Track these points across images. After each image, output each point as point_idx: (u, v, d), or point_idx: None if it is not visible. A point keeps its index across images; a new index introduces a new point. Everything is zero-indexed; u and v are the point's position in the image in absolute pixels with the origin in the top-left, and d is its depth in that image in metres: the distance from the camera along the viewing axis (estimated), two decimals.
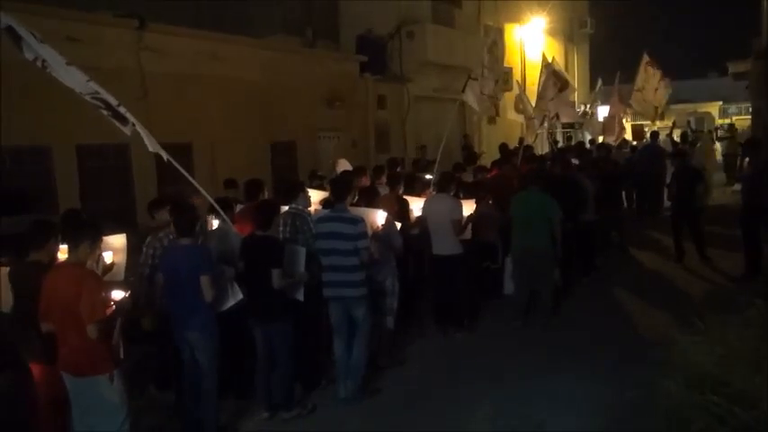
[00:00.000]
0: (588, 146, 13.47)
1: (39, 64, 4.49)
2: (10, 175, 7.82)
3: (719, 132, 24.67)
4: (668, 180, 10.62)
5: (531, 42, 20.36)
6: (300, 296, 5.07)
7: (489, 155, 14.30)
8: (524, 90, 15.00)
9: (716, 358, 4.20)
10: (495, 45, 9.57)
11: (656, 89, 15.28)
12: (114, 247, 4.70)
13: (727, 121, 29.94)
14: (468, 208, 6.81)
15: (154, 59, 9.13)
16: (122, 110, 4.85)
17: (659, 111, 16.02)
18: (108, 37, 8.65)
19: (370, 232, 5.30)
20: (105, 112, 4.83)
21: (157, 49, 9.21)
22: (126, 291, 4.13)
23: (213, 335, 4.59)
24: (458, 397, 5.33)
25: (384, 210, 5.77)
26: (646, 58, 14.97)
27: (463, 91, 9.40)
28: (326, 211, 5.55)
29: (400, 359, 6.13)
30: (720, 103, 31.76)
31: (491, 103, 9.65)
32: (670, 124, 18.93)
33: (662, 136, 16.50)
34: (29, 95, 7.49)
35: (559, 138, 18.24)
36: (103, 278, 4.13)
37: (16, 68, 6.81)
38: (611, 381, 5.40)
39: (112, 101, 4.81)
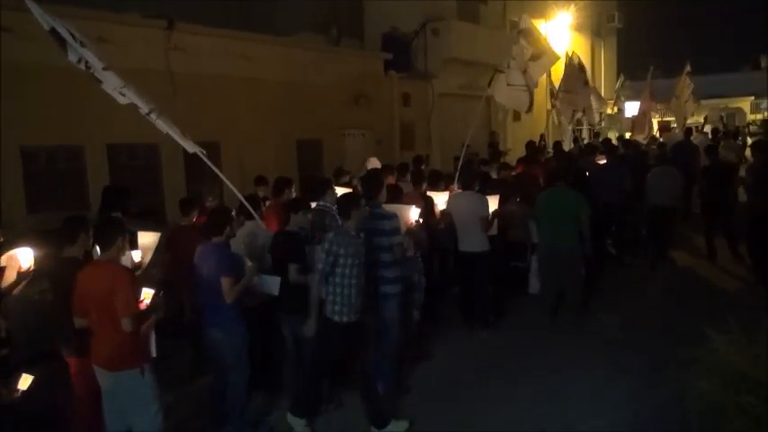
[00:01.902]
0: (616, 143, 13.27)
1: (82, 66, 4.59)
2: (44, 172, 8.01)
3: (751, 128, 24.06)
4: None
5: (558, 38, 20.14)
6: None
7: (514, 152, 14.22)
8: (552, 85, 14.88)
9: (751, 358, 4.10)
10: (528, 32, 9.03)
11: (687, 101, 15.47)
12: (145, 245, 4.77)
13: (759, 116, 29.22)
14: (494, 204, 6.78)
15: (182, 59, 9.25)
16: (154, 116, 4.92)
17: (686, 120, 16.43)
18: (137, 38, 8.78)
19: (403, 228, 5.30)
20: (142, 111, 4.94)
21: (185, 49, 9.33)
22: (157, 288, 4.21)
23: (236, 333, 4.61)
24: (485, 396, 5.31)
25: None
26: (688, 68, 15.14)
27: (489, 85, 9.06)
28: None
29: (426, 354, 6.13)
30: (752, 97, 30.95)
31: (524, 93, 8.86)
32: (701, 120, 18.61)
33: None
34: (62, 97, 7.66)
35: (585, 135, 18.01)
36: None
37: (49, 71, 7.01)
38: (642, 379, 5.34)
39: (145, 107, 4.88)
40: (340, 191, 6.54)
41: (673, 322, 6.76)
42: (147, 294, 4.12)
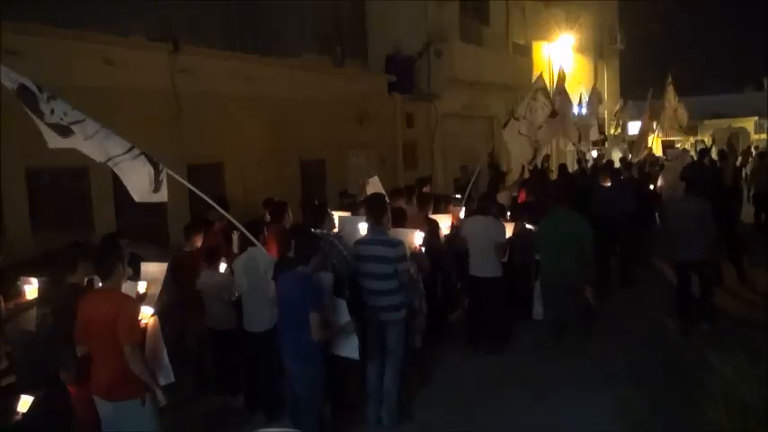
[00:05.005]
0: (619, 164, 13.27)
1: (55, 119, 4.52)
2: (49, 194, 8.03)
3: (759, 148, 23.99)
4: None
5: (560, 59, 20.27)
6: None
7: (516, 171, 14.18)
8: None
9: (757, 387, 4.05)
10: (542, 91, 9.39)
11: (676, 110, 15.47)
12: (151, 276, 4.72)
13: (764, 136, 29.19)
14: (508, 231, 6.84)
15: (187, 81, 9.31)
16: (111, 164, 4.86)
17: (683, 129, 16.32)
18: (143, 60, 8.85)
19: (408, 253, 5.28)
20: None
21: (191, 71, 9.39)
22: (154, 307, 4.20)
23: (314, 368, 4.46)
24: (489, 420, 5.25)
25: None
26: (669, 78, 15.20)
27: (504, 127, 9.35)
28: (366, 234, 5.51)
29: (426, 378, 6.09)
30: (756, 118, 30.99)
31: (530, 146, 9.21)
32: (706, 140, 18.57)
33: (692, 152, 16.28)
34: None
35: (589, 156, 17.97)
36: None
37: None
38: (645, 407, 5.26)
39: (103, 157, 4.81)
40: (344, 214, 6.55)
41: (677, 347, 6.69)
42: (144, 315, 4.10)
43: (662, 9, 31.15)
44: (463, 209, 7.99)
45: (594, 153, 16.97)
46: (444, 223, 6.92)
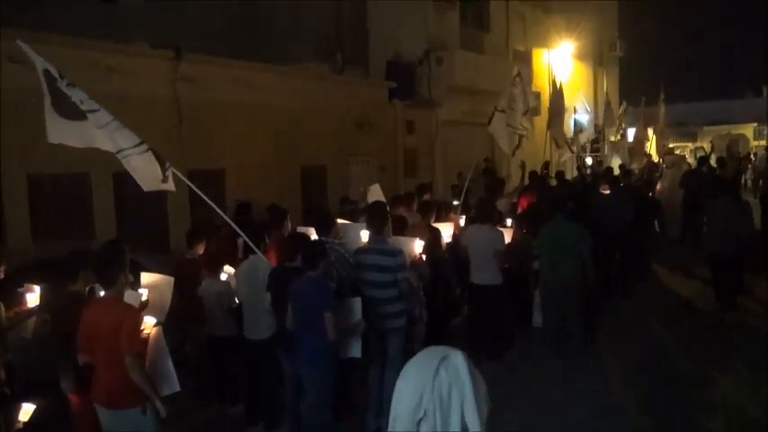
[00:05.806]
0: (618, 171, 13.29)
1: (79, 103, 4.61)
2: (50, 200, 8.04)
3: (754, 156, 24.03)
4: None
5: (560, 66, 20.32)
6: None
7: (516, 177, 14.20)
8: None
9: (758, 401, 4.05)
10: (520, 77, 9.61)
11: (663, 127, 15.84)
12: (155, 286, 4.73)
13: (763, 142, 29.23)
14: (507, 237, 6.86)
15: (189, 88, 9.34)
16: (121, 156, 4.90)
17: (665, 146, 16.93)
18: (145, 67, 8.88)
19: (408, 261, 5.29)
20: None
21: (192, 78, 9.41)
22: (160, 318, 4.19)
23: (329, 373, 4.54)
24: (489, 428, 5.23)
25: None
26: (662, 95, 15.51)
27: (489, 123, 9.42)
28: (367, 243, 5.52)
29: None
30: (755, 124, 31.04)
31: (517, 136, 9.64)
32: (705, 146, 18.62)
33: (690, 159, 16.31)
34: None
35: (589, 161, 18.00)
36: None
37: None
38: (646, 419, 5.27)
39: (114, 147, 4.85)
40: (344, 221, 6.56)
41: (676, 356, 6.69)
42: (147, 325, 4.10)
43: (661, 15, 31.31)
44: (463, 216, 8.00)
45: (590, 160, 17.04)
46: (446, 231, 6.92)
